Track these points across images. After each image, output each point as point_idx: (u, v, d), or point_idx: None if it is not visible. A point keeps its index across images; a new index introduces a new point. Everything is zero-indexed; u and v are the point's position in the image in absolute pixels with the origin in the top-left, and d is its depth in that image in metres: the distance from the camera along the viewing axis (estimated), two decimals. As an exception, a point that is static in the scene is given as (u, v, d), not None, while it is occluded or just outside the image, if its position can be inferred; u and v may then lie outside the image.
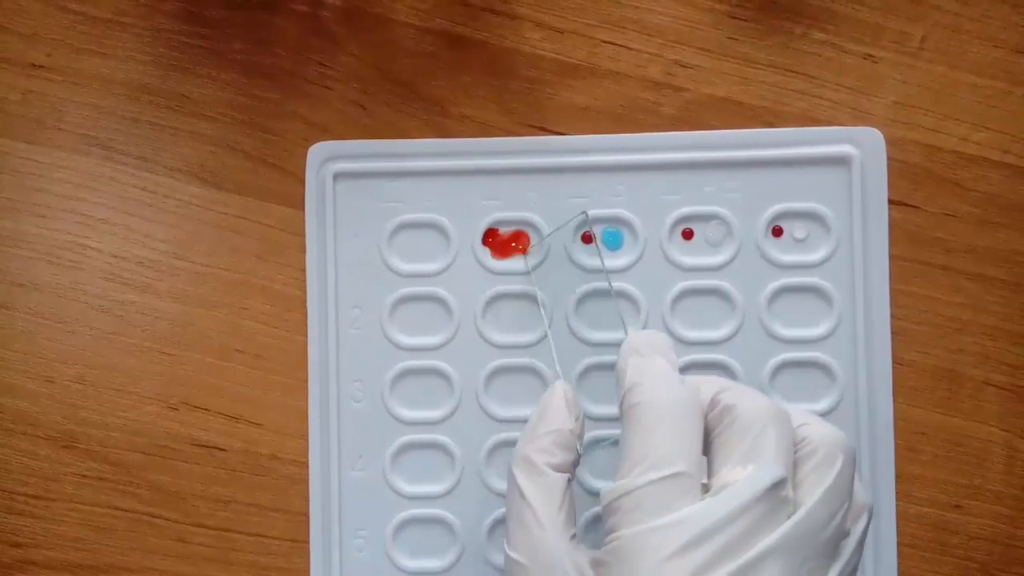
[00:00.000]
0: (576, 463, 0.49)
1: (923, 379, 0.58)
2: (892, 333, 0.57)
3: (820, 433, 0.44)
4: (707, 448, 0.44)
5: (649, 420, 0.44)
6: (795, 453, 0.43)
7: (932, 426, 0.58)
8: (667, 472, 0.42)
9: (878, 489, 0.57)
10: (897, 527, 0.57)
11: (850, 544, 0.44)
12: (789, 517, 0.41)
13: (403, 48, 0.59)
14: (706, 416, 0.45)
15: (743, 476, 0.41)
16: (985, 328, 0.58)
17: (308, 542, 0.58)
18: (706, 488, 0.42)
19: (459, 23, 0.58)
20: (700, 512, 0.41)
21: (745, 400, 0.44)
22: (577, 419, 0.49)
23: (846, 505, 0.43)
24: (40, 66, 0.58)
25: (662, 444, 0.43)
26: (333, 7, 0.58)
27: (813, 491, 0.42)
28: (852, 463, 0.44)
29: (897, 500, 0.57)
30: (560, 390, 0.50)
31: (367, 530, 0.58)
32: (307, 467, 0.58)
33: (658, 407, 0.44)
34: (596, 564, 0.43)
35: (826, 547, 0.42)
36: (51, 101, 0.58)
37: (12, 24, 0.58)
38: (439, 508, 0.58)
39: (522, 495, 0.47)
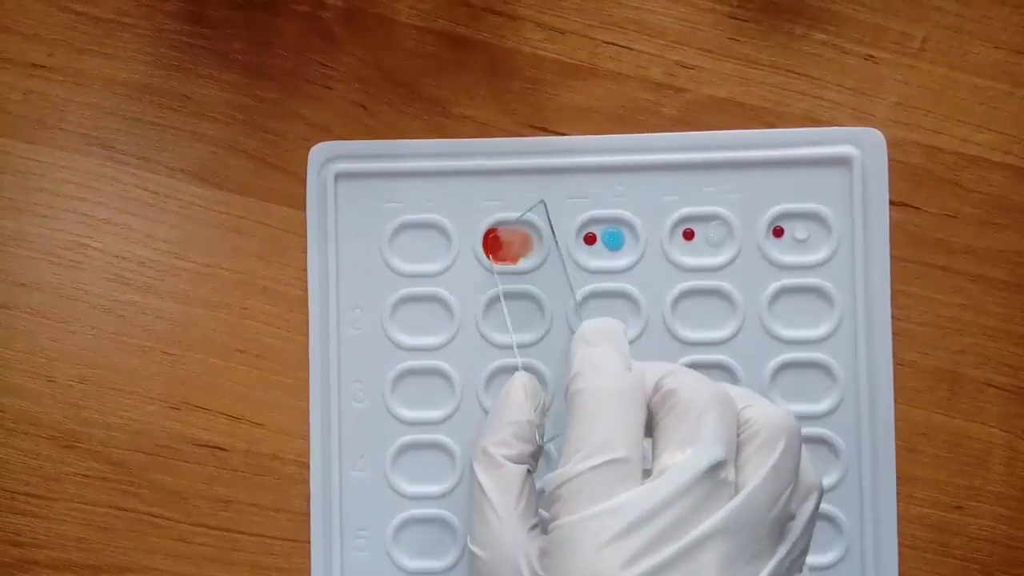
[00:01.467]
0: (536, 455, 0.49)
1: (924, 380, 0.58)
2: (893, 334, 0.57)
3: (763, 415, 0.43)
4: (652, 433, 0.44)
5: (589, 407, 0.44)
6: (739, 436, 0.43)
7: (933, 427, 0.58)
8: (606, 458, 0.42)
9: (879, 490, 0.57)
10: (898, 528, 0.57)
11: (797, 526, 0.43)
12: (731, 500, 0.41)
13: (404, 48, 0.59)
14: (650, 401, 0.45)
15: (681, 459, 0.41)
16: (986, 329, 0.58)
17: (309, 542, 0.58)
18: (648, 474, 0.42)
19: (460, 24, 0.58)
20: (638, 497, 0.41)
21: (687, 384, 0.44)
22: (536, 410, 0.49)
23: (790, 487, 0.43)
24: (42, 66, 0.59)
25: (601, 431, 0.43)
26: (334, 8, 0.59)
27: (755, 473, 0.42)
28: (796, 444, 0.44)
29: (898, 501, 0.57)
30: (520, 381, 0.50)
31: (368, 530, 0.58)
32: (308, 467, 0.58)
33: (598, 394, 0.44)
34: (542, 554, 0.43)
35: (771, 529, 0.42)
36: (53, 101, 0.59)
37: (14, 24, 0.58)
38: (440, 508, 0.58)
39: (481, 488, 0.47)
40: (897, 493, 0.57)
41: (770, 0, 0.58)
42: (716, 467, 0.41)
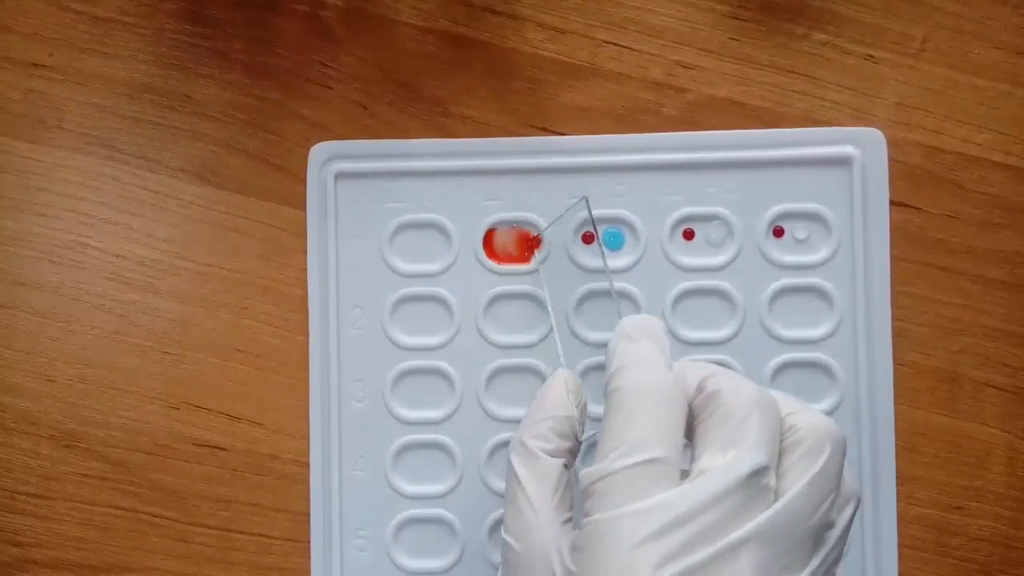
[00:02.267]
0: (575, 450, 0.48)
1: (924, 380, 0.58)
2: (893, 334, 0.57)
3: (809, 422, 0.43)
4: (693, 434, 0.44)
5: (629, 405, 0.43)
6: (782, 442, 0.43)
7: (933, 427, 0.58)
8: (643, 457, 0.41)
9: (879, 490, 0.57)
10: (898, 528, 0.57)
11: (834, 534, 0.43)
12: (770, 506, 0.41)
13: (405, 48, 0.59)
14: (692, 402, 0.44)
15: (722, 463, 0.41)
16: (986, 329, 0.58)
17: (309, 542, 0.58)
18: (687, 475, 0.42)
19: (461, 23, 0.58)
20: (675, 498, 0.40)
21: (731, 386, 0.43)
22: (577, 406, 0.49)
23: (831, 496, 0.42)
24: (42, 65, 0.58)
25: (640, 429, 0.42)
26: (335, 7, 0.59)
27: (797, 480, 0.41)
28: (841, 453, 0.43)
29: (898, 501, 0.57)
30: (561, 377, 0.49)
31: (368, 530, 0.58)
32: (308, 467, 0.58)
33: (639, 392, 0.43)
34: (574, 549, 0.43)
35: (809, 537, 0.41)
36: (53, 100, 0.59)
37: (14, 23, 0.58)
38: (440, 508, 0.58)
39: (517, 479, 0.47)
40: (897, 493, 0.57)
41: (770, 0, 0.58)
42: (757, 473, 0.40)
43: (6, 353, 0.59)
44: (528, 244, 0.58)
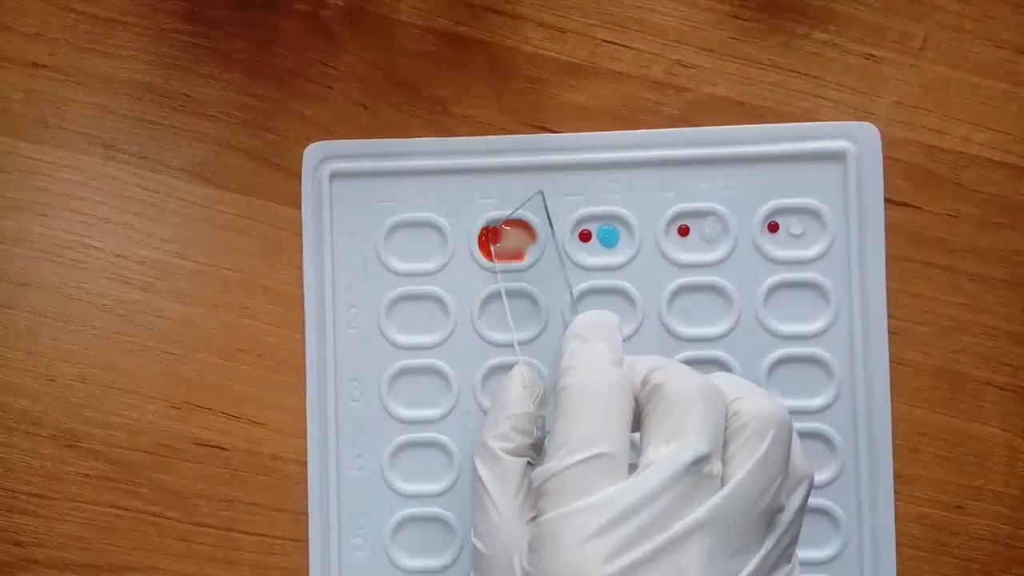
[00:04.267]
0: (537, 447, 0.49)
1: (924, 379, 0.57)
2: (894, 333, 0.57)
3: (753, 407, 0.43)
4: (640, 428, 0.44)
5: (575, 403, 0.44)
6: (727, 428, 0.43)
7: (933, 427, 0.57)
8: (590, 453, 0.42)
9: (876, 483, 0.57)
10: (898, 528, 0.57)
11: (785, 517, 0.43)
12: (716, 494, 0.41)
13: (405, 48, 0.59)
14: (638, 395, 0.44)
15: (665, 454, 0.41)
16: (986, 328, 0.57)
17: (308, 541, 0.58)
18: (634, 468, 0.42)
19: (461, 23, 0.59)
20: (621, 492, 0.41)
21: (674, 378, 0.44)
22: (535, 402, 0.49)
23: (779, 480, 0.43)
24: (43, 65, 0.59)
25: (586, 427, 0.43)
26: (335, 7, 0.59)
27: (742, 466, 0.42)
28: (786, 437, 0.43)
29: (898, 501, 0.57)
30: (518, 375, 0.50)
31: (366, 529, 0.58)
32: (307, 466, 0.58)
33: (585, 390, 0.44)
34: (529, 549, 0.43)
35: (758, 522, 0.42)
36: (54, 100, 0.59)
37: (15, 23, 0.59)
38: (438, 507, 0.58)
39: (481, 482, 0.48)
40: (898, 492, 0.57)
41: (771, -1, 0.58)
42: (700, 461, 0.41)
43: (7, 353, 0.59)
44: (492, 238, 0.58)
